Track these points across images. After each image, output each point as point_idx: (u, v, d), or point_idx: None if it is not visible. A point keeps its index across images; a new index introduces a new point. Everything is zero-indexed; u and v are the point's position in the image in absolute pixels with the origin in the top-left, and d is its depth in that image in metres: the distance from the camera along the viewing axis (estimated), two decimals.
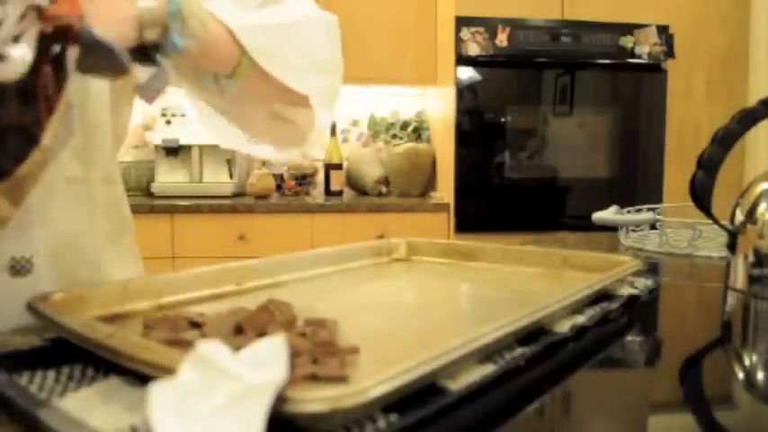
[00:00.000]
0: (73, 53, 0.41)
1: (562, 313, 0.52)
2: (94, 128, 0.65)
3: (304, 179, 2.67)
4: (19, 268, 0.58)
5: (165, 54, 0.55)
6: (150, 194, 2.54)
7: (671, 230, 1.08)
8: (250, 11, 0.67)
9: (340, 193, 2.70)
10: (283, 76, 0.65)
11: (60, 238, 0.62)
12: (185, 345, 0.40)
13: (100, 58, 0.45)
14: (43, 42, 0.38)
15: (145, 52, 0.54)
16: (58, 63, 0.40)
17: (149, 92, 0.53)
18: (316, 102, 0.70)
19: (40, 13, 0.38)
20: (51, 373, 0.39)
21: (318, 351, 0.39)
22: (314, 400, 0.29)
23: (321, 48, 0.72)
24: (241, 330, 0.44)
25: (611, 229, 1.15)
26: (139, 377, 0.36)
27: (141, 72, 0.53)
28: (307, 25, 0.70)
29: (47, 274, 0.61)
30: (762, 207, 0.74)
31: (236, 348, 0.33)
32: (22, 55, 0.37)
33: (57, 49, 0.40)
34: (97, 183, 0.67)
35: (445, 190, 2.52)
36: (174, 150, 2.54)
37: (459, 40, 2.33)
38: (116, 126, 0.70)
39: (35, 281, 0.59)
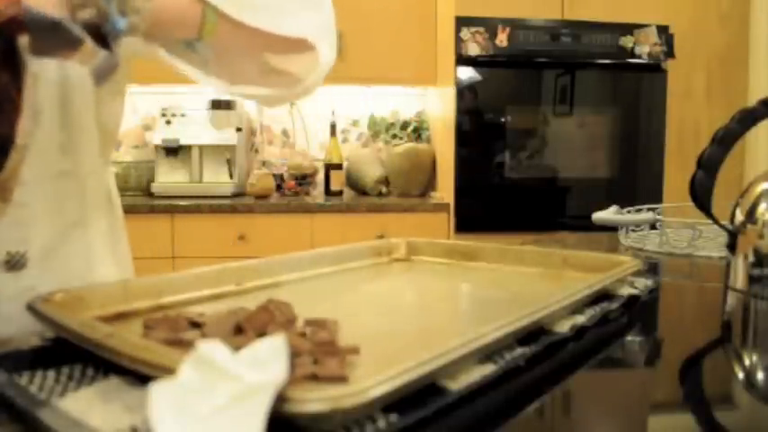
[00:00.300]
0: (23, 42, 0.39)
1: (562, 313, 0.52)
2: (78, 122, 0.64)
3: (304, 179, 2.67)
4: (14, 263, 0.58)
5: (111, 35, 0.51)
6: (150, 194, 2.54)
7: (671, 230, 1.08)
8: None
9: (340, 193, 2.70)
10: (264, 22, 0.59)
11: (52, 232, 0.63)
12: (185, 345, 0.40)
13: (50, 37, 0.43)
14: None
15: (94, 34, 0.50)
16: (11, 58, 0.39)
17: (98, 72, 0.52)
18: (316, 38, 0.64)
19: None
20: (51, 373, 0.39)
21: (318, 351, 0.39)
22: (314, 400, 0.29)
23: None
24: (241, 330, 0.44)
25: (611, 229, 1.15)
26: (139, 377, 0.36)
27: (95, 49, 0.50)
28: None
29: (41, 268, 0.61)
30: (762, 207, 0.74)
31: (236, 348, 0.33)
32: None
33: (4, 45, 0.39)
34: (87, 176, 0.67)
35: (445, 190, 2.52)
36: (173, 150, 2.54)
37: (459, 40, 2.33)
38: (107, 121, 0.69)
39: (30, 275, 0.60)
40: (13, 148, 0.39)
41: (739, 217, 0.76)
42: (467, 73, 2.37)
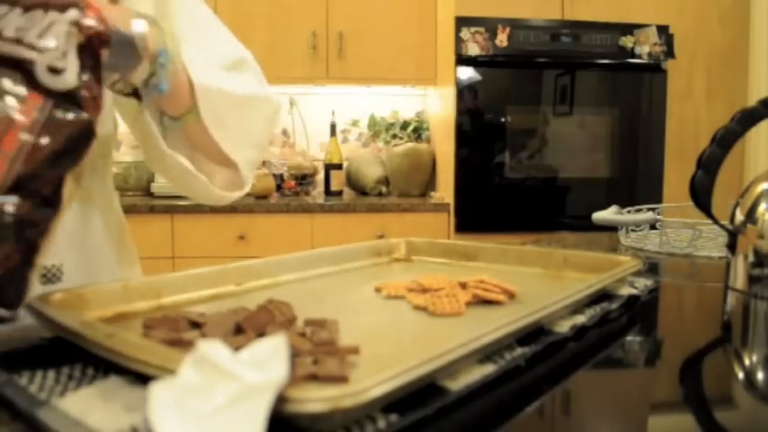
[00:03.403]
0: (105, 56, 0.47)
1: (562, 313, 0.52)
2: (104, 138, 0.67)
3: (304, 179, 2.67)
4: (50, 276, 0.62)
5: (147, 91, 0.59)
6: (150, 194, 2.54)
7: (671, 230, 1.08)
8: (217, 70, 0.71)
9: (340, 193, 2.70)
10: (221, 140, 0.68)
11: (82, 251, 0.66)
12: (185, 345, 0.40)
13: (121, 53, 0.52)
14: (82, 51, 0.45)
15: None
16: (95, 65, 0.46)
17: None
18: (243, 169, 0.74)
19: (78, 27, 0.45)
20: (51, 373, 0.39)
21: (318, 351, 0.39)
22: (314, 400, 0.29)
23: (259, 126, 0.76)
24: (241, 330, 0.44)
25: (611, 229, 1.15)
26: (139, 377, 0.36)
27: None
28: (255, 103, 0.74)
29: (75, 282, 0.63)
30: (762, 207, 0.74)
31: (236, 348, 0.33)
32: (72, 67, 0.44)
33: (93, 54, 0.46)
34: (101, 201, 0.70)
35: (445, 190, 2.52)
36: None
37: (459, 40, 2.33)
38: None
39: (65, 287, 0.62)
40: (96, 139, 0.46)
41: (739, 217, 0.76)
42: (467, 73, 2.37)
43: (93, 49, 0.45)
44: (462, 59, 2.35)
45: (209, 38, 0.74)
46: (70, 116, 0.44)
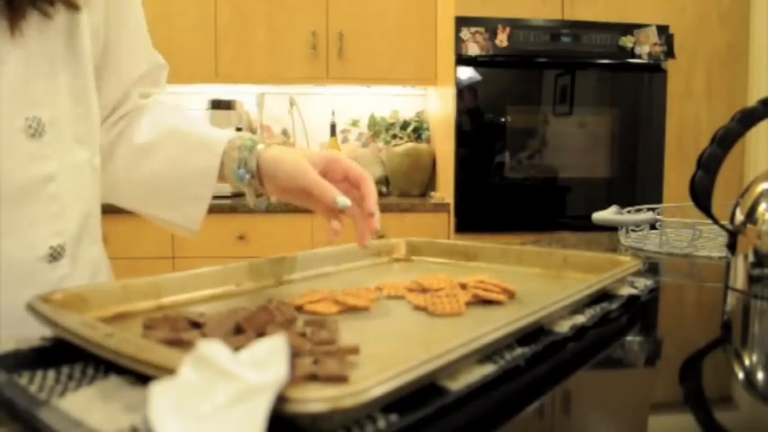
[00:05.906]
0: None
1: (562, 313, 0.52)
2: (91, 113, 0.66)
3: None
4: (55, 255, 0.61)
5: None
6: None
7: (671, 230, 1.08)
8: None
9: None
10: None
11: (78, 221, 0.65)
12: (185, 345, 0.40)
13: None
14: None
15: None
16: None
17: None
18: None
19: None
20: (51, 373, 0.39)
21: (318, 351, 0.39)
22: (314, 400, 0.29)
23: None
24: (241, 330, 0.44)
25: (611, 229, 1.15)
26: (139, 377, 0.36)
27: None
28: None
29: (71, 256, 0.63)
30: (762, 207, 0.74)
31: (236, 348, 0.33)
32: None
33: None
34: (97, 164, 0.69)
35: (445, 190, 2.52)
36: None
37: (459, 40, 2.33)
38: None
39: (64, 264, 0.62)
40: None
41: (739, 217, 0.76)
42: (467, 73, 2.37)
43: None
44: (462, 59, 2.35)
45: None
46: None
